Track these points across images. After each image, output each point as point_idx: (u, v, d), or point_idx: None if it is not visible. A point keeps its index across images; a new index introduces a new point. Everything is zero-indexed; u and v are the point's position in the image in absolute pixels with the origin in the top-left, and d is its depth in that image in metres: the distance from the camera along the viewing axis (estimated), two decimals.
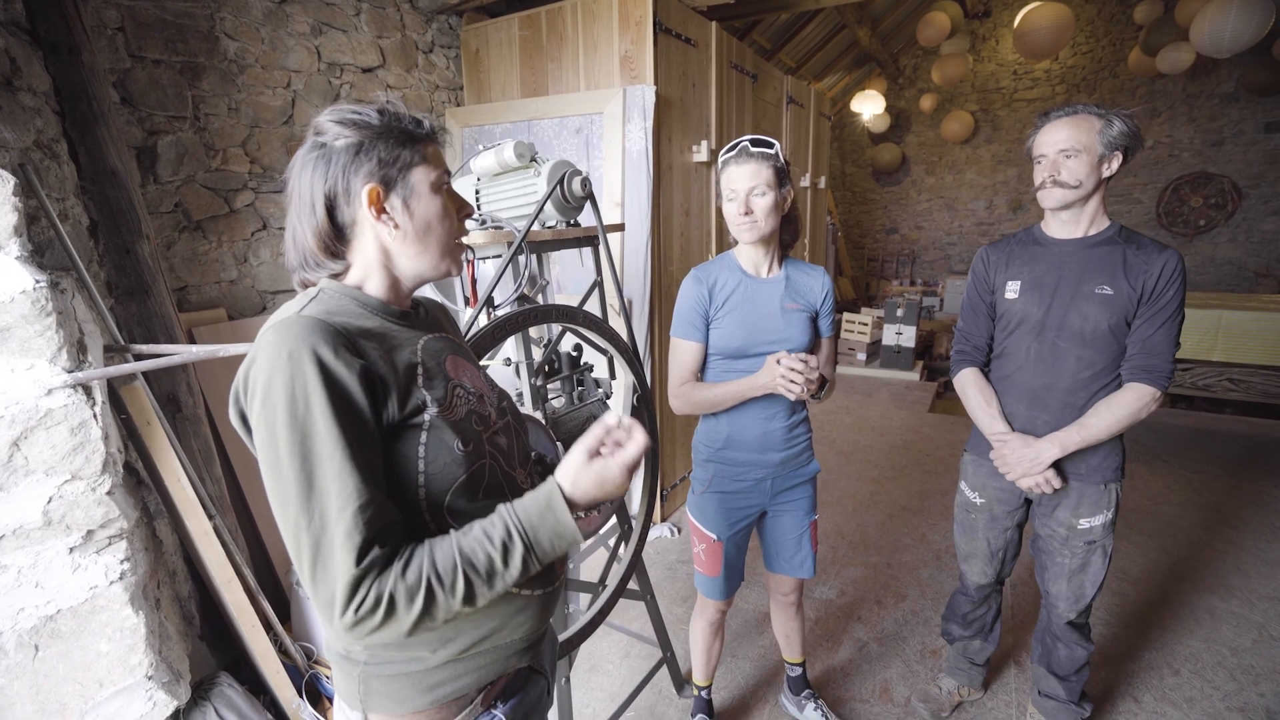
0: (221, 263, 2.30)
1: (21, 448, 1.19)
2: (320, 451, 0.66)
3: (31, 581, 1.24)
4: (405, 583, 0.67)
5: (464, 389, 0.83)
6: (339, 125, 0.76)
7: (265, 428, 0.68)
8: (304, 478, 0.66)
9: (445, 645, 0.79)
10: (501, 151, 1.53)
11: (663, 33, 2.70)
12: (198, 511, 1.68)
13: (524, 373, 1.48)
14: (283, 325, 0.69)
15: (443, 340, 0.87)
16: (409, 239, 0.80)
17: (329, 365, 0.68)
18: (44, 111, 1.61)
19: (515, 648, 0.86)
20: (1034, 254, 1.54)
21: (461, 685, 0.82)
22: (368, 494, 0.67)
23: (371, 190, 0.76)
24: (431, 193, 0.80)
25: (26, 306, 1.16)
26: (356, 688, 0.80)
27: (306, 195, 0.77)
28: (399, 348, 0.78)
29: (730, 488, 1.58)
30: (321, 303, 0.76)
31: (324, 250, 0.79)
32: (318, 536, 0.66)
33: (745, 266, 1.51)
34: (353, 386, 0.69)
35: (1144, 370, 1.41)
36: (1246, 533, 2.94)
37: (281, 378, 0.67)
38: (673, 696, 2.04)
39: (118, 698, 1.36)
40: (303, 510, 0.66)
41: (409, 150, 0.78)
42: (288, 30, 2.43)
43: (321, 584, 0.66)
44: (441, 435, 0.76)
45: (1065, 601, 1.60)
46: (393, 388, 0.74)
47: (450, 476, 0.76)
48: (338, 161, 0.76)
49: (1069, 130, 1.39)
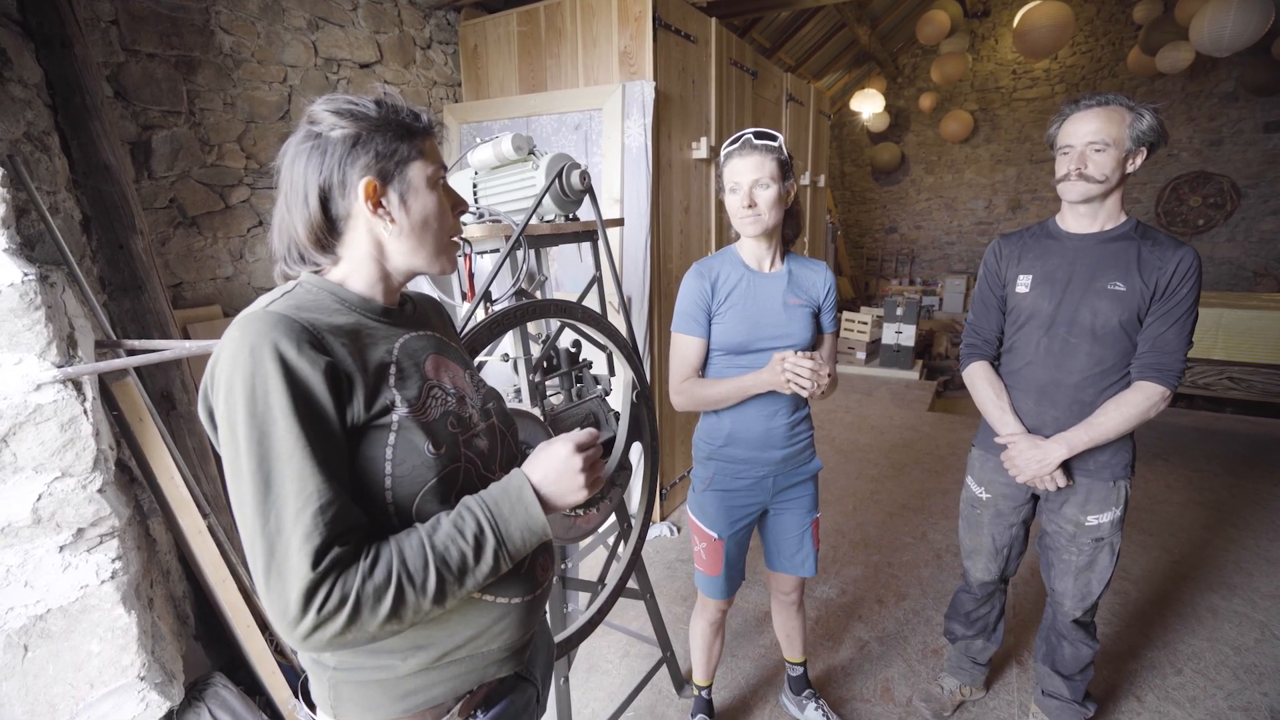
0: (217, 259, 2.27)
1: (10, 444, 1.17)
2: (279, 450, 0.64)
3: (20, 580, 1.22)
4: (373, 581, 0.65)
5: (442, 389, 0.80)
6: (335, 116, 0.74)
7: (226, 425, 0.65)
8: (261, 477, 0.63)
9: (416, 653, 0.77)
10: (499, 144, 1.51)
11: (662, 28, 2.68)
12: (191, 510, 1.66)
13: (522, 369, 1.46)
14: (247, 320, 0.67)
15: (426, 339, 0.84)
16: (404, 234, 0.78)
17: (291, 362, 0.65)
18: (35, 104, 1.59)
19: (494, 657, 0.83)
20: (1047, 248, 1.51)
21: (436, 694, 0.79)
22: (329, 495, 0.64)
23: (368, 184, 0.74)
24: (428, 188, 0.79)
25: (14, 300, 1.14)
26: (327, 693, 0.78)
27: (300, 186, 0.74)
28: (373, 345, 0.76)
29: (731, 485, 1.56)
30: (293, 297, 0.74)
31: (314, 243, 0.76)
32: (273, 538, 0.63)
33: (748, 261, 1.49)
34: (315, 384, 0.66)
35: (1154, 369, 1.39)
36: (1247, 531, 2.93)
37: (242, 374, 0.64)
38: (673, 696, 2.02)
39: (109, 699, 1.34)
40: (259, 511, 0.63)
41: (407, 144, 0.76)
42: (284, 25, 2.41)
43: (275, 588, 0.62)
44: (411, 437, 0.73)
45: (1071, 599, 1.58)
46: (359, 386, 0.71)
47: (419, 479, 0.74)
48: (334, 153, 0.73)
49: (1100, 122, 1.33)
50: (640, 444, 1.77)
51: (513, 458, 0.91)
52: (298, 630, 0.63)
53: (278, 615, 0.63)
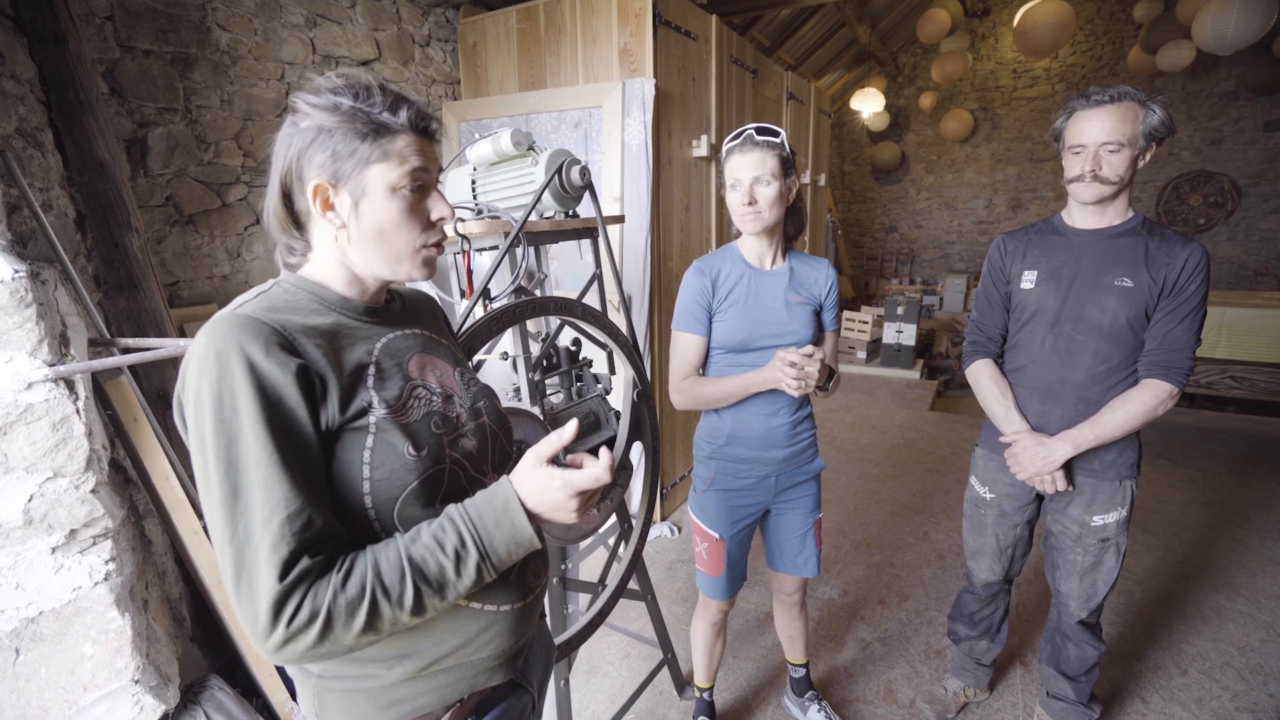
0: (214, 258, 2.26)
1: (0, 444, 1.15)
2: (246, 458, 0.62)
3: (11, 583, 1.20)
4: (345, 595, 0.63)
5: (426, 389, 0.77)
6: (308, 105, 0.71)
7: (195, 432, 0.63)
8: (229, 485, 0.61)
9: (401, 662, 0.75)
10: (498, 140, 1.49)
11: (662, 25, 2.66)
12: (187, 511, 1.64)
13: (521, 367, 1.44)
14: (214, 324, 0.65)
15: (411, 337, 0.81)
16: (355, 241, 0.73)
17: (258, 366, 0.63)
18: (28, 99, 1.57)
19: (485, 665, 0.81)
20: (1053, 244, 1.49)
21: (423, 703, 0.77)
22: (297, 503, 0.62)
23: (316, 185, 0.71)
24: (388, 195, 0.72)
25: (5, 297, 1.12)
26: (312, 701, 0.76)
27: (271, 172, 0.74)
28: (350, 346, 0.73)
29: (733, 485, 1.54)
30: (268, 298, 0.72)
31: (281, 230, 0.75)
32: (241, 548, 0.61)
33: (749, 258, 1.48)
34: (286, 389, 0.64)
35: (1162, 366, 1.37)
36: (1251, 531, 2.92)
37: (209, 380, 0.62)
38: (674, 698, 2.00)
39: (102, 702, 1.32)
40: (227, 520, 0.61)
41: (369, 144, 0.70)
42: (281, 21, 2.39)
43: (245, 599, 0.60)
44: (389, 439, 0.71)
45: (1077, 600, 1.57)
46: (333, 388, 0.69)
47: (399, 483, 0.71)
48: (296, 144, 0.71)
49: (1114, 121, 1.29)
50: (641, 443, 1.75)
51: (506, 457, 0.89)
52: (269, 643, 0.61)
53: (249, 627, 0.61)
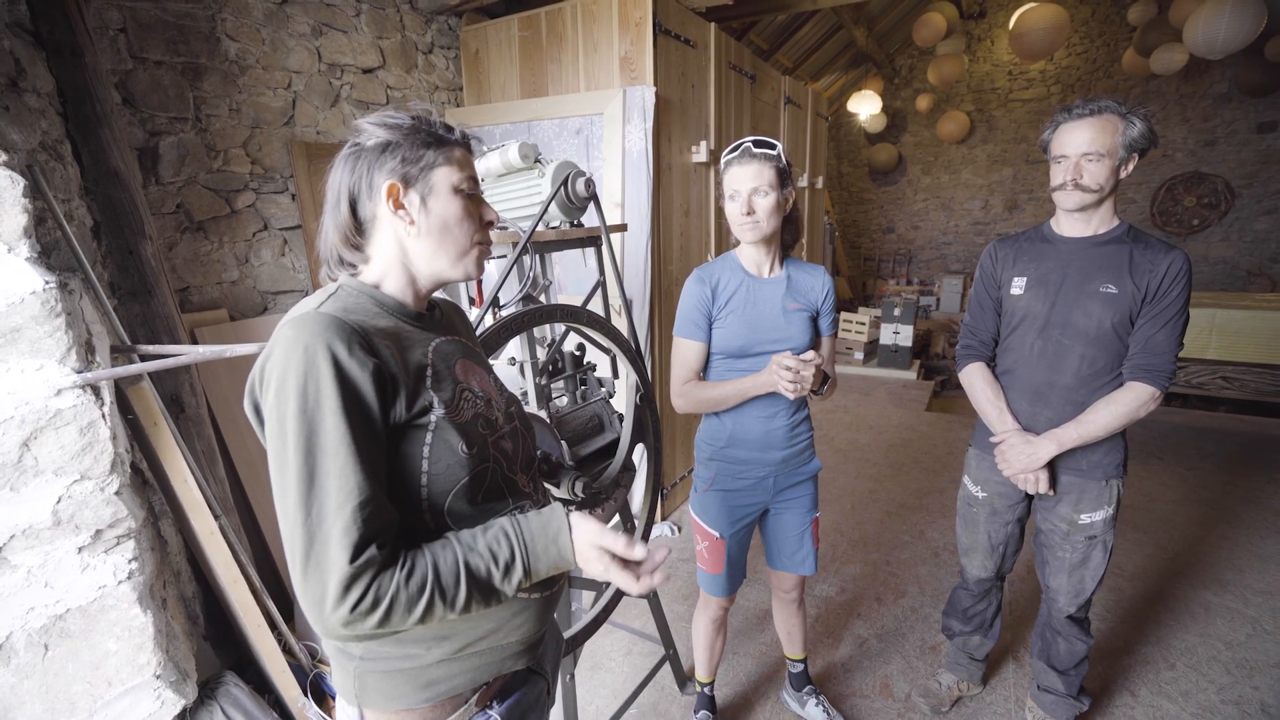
0: (223, 263, 2.30)
1: (31, 448, 1.20)
2: (326, 446, 0.67)
3: (41, 581, 1.25)
4: (408, 590, 0.69)
5: (472, 392, 0.83)
6: (374, 126, 0.79)
7: (276, 419, 0.69)
8: (307, 471, 0.67)
9: (440, 644, 0.80)
10: (506, 152, 1.54)
11: (662, 34, 2.71)
12: (203, 511, 1.68)
13: (529, 372, 1.49)
14: (300, 320, 0.71)
15: (455, 343, 0.87)
16: (423, 236, 0.81)
17: (343, 363, 0.69)
18: (48, 113, 1.61)
19: (512, 649, 0.86)
20: (1041, 251, 1.55)
21: (457, 684, 0.82)
22: (369, 491, 0.68)
23: (390, 185, 0.78)
24: (451, 193, 0.81)
25: (36, 307, 1.16)
26: (352, 683, 0.81)
27: (335, 190, 0.80)
28: (411, 348, 0.80)
29: (733, 485, 1.59)
30: (339, 300, 0.77)
31: (344, 242, 0.81)
32: (314, 530, 0.66)
33: (747, 266, 1.52)
34: (365, 385, 0.70)
35: (1145, 369, 1.42)
36: (1240, 528, 2.97)
37: (296, 371, 0.68)
38: (675, 693, 2.05)
39: (126, 696, 1.37)
40: (302, 503, 0.67)
41: (434, 151, 0.80)
42: (288, 31, 2.44)
43: (313, 578, 0.66)
44: (446, 437, 0.77)
45: (1065, 596, 1.62)
46: (402, 388, 0.75)
47: (453, 478, 0.77)
48: (365, 159, 0.79)
49: (1093, 133, 1.36)
50: (643, 445, 1.80)
51: (531, 460, 0.95)
52: (332, 619, 0.66)
53: (313, 604, 0.66)
